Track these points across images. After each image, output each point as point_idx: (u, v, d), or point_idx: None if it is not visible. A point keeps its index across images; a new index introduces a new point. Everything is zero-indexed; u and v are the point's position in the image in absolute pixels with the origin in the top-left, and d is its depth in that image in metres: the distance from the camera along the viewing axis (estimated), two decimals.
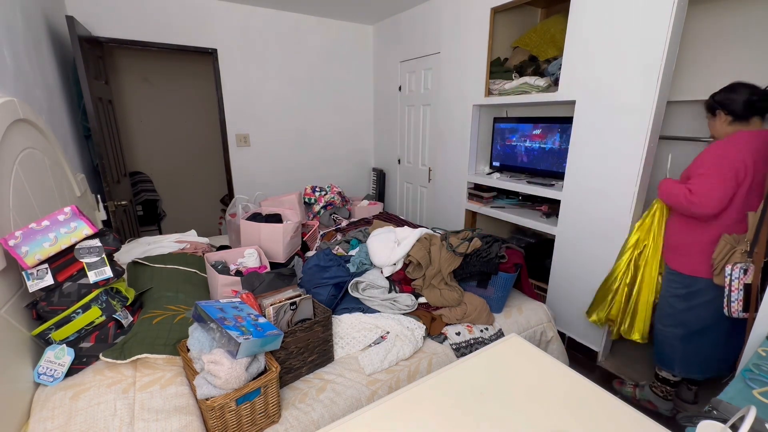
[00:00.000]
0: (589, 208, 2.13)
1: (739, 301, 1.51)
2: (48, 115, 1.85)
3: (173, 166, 4.25)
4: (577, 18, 2.05)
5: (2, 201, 1.16)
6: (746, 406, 0.64)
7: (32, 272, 1.15)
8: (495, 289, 1.80)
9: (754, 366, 1.01)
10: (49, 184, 1.58)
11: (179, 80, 4.04)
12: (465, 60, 2.80)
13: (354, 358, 1.44)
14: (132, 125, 3.94)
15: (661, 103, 1.80)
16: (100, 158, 2.29)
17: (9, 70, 1.47)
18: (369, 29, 3.95)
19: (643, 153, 1.85)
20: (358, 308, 1.67)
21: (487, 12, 2.55)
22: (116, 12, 2.77)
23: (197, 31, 3.08)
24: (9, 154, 1.25)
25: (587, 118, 2.07)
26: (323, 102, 3.86)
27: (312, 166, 3.95)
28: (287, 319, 1.31)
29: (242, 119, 3.45)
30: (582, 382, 1.02)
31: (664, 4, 1.68)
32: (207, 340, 1.12)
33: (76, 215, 1.25)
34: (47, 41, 2.09)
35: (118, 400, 1.09)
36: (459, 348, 1.56)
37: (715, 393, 0.96)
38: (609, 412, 0.92)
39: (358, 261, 1.93)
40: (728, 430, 0.69)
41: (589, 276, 2.20)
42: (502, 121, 2.81)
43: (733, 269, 1.51)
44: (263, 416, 1.13)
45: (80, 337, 1.23)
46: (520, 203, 2.81)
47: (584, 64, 2.04)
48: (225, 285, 1.61)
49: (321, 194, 3.03)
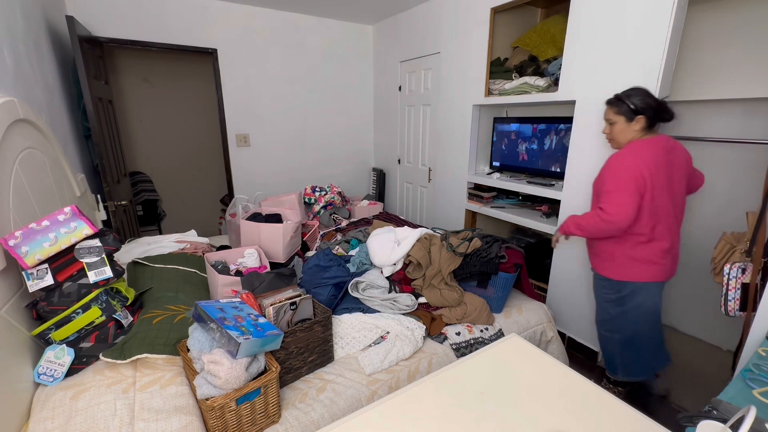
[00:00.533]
0: (589, 208, 2.13)
1: (736, 300, 1.52)
2: (48, 115, 1.85)
3: (173, 166, 4.25)
4: (577, 18, 2.05)
5: (2, 201, 1.16)
6: (746, 406, 0.64)
7: (32, 272, 1.15)
8: (495, 289, 1.80)
9: (754, 366, 1.01)
10: (49, 184, 1.58)
11: (179, 80, 4.04)
12: (465, 60, 2.80)
13: (354, 358, 1.44)
14: (132, 125, 3.94)
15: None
16: (100, 158, 2.29)
17: (9, 70, 1.47)
18: (369, 29, 3.94)
19: None
20: (358, 308, 1.67)
21: (487, 12, 2.55)
22: (116, 12, 2.77)
23: (197, 31, 3.08)
24: (9, 154, 1.25)
25: (587, 118, 2.07)
26: (323, 102, 3.86)
27: (312, 166, 3.95)
28: (287, 319, 1.31)
29: (242, 119, 3.45)
30: (582, 382, 1.02)
31: (664, 4, 1.68)
32: (207, 340, 1.12)
33: (76, 215, 1.25)
34: (47, 41, 2.09)
35: (118, 400, 1.09)
36: (459, 348, 1.56)
37: (715, 393, 0.96)
38: (609, 412, 0.92)
39: (358, 261, 1.93)
40: (728, 430, 0.69)
41: (589, 276, 2.20)
42: (502, 121, 2.81)
43: (731, 268, 1.51)
44: (263, 416, 1.13)
45: (80, 337, 1.23)
46: (520, 203, 2.81)
47: (584, 64, 2.04)
48: (225, 285, 1.61)
49: (321, 194, 3.03)
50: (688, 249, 2.46)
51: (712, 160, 2.29)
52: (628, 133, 1.59)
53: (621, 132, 1.62)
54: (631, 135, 1.59)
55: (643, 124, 1.55)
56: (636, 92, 1.57)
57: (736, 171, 2.19)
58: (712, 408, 0.86)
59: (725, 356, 2.28)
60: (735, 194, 2.20)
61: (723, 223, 2.22)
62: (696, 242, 2.40)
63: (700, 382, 2.08)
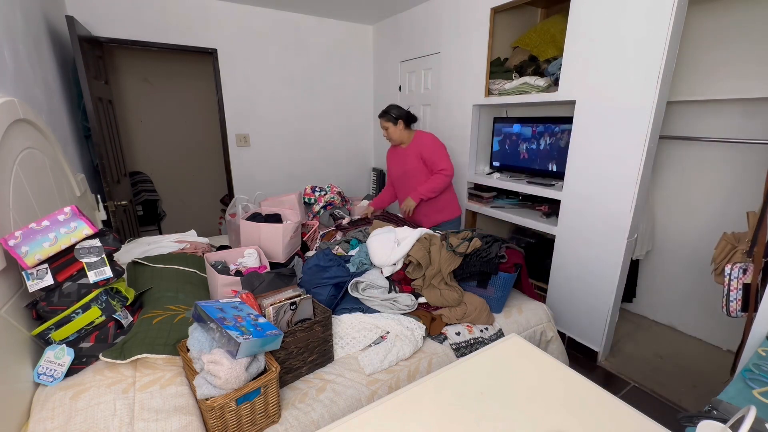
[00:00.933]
0: (589, 208, 2.13)
1: (738, 300, 1.52)
2: (48, 115, 1.85)
3: (173, 166, 4.25)
4: (577, 18, 2.05)
5: (2, 201, 1.16)
6: (746, 406, 0.64)
7: (32, 272, 1.15)
8: (495, 289, 1.79)
9: (754, 366, 1.01)
10: (49, 184, 1.58)
11: (179, 80, 4.04)
12: (465, 60, 2.80)
13: (354, 358, 1.44)
14: (132, 125, 3.94)
15: (661, 103, 1.80)
16: (100, 158, 2.29)
17: (9, 70, 1.47)
18: (369, 29, 3.94)
19: (643, 153, 1.85)
20: (358, 308, 1.67)
21: (487, 12, 2.55)
22: (116, 12, 2.77)
23: (197, 31, 3.08)
24: (9, 154, 1.25)
25: (587, 118, 2.07)
26: (323, 102, 3.85)
27: (312, 166, 3.95)
28: (287, 319, 1.31)
29: (242, 119, 3.45)
30: (582, 382, 1.02)
31: (664, 4, 1.68)
32: (207, 340, 1.12)
33: (76, 215, 1.25)
34: (47, 41, 2.09)
35: (118, 400, 1.09)
36: (459, 348, 1.56)
37: (715, 393, 0.96)
38: (609, 412, 0.92)
39: (358, 261, 1.93)
40: (728, 430, 0.69)
41: (588, 276, 2.20)
42: (502, 121, 2.81)
43: (733, 269, 1.51)
44: (263, 416, 1.13)
45: (80, 337, 1.23)
46: (520, 203, 2.81)
47: (584, 64, 2.04)
48: (225, 285, 1.60)
49: (321, 194, 3.03)
50: (688, 249, 2.47)
51: (712, 160, 2.29)
52: (399, 131, 2.48)
53: (393, 131, 2.49)
54: (402, 132, 2.49)
55: (402, 124, 2.48)
56: (394, 107, 2.46)
57: (736, 171, 2.19)
58: (712, 408, 0.86)
59: (725, 356, 2.28)
60: (735, 194, 2.20)
61: (723, 223, 2.23)
62: (696, 242, 2.40)
63: (700, 382, 2.08)
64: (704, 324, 2.43)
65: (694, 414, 0.82)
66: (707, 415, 0.81)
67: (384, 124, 2.49)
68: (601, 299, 2.16)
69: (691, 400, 1.96)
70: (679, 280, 2.53)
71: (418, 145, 2.46)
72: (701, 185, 2.35)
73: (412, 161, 2.49)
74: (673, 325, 2.61)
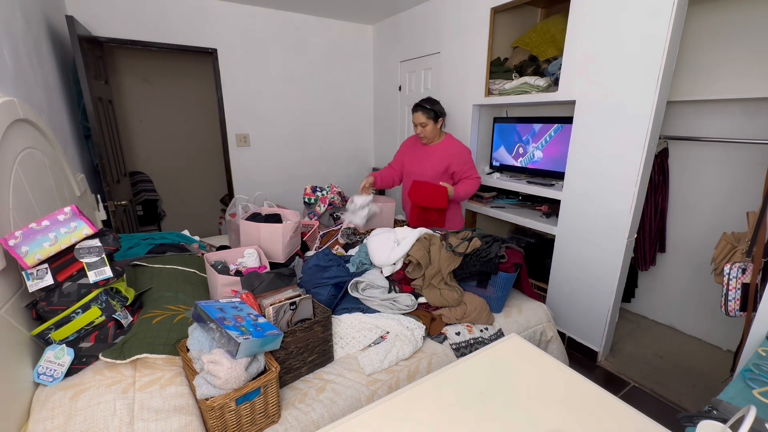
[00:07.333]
0: (589, 208, 2.13)
1: (736, 300, 1.52)
2: (48, 115, 1.85)
3: (173, 166, 4.25)
4: (577, 18, 2.05)
5: (2, 201, 1.16)
6: (746, 406, 0.64)
7: (32, 272, 1.15)
8: (495, 289, 1.79)
9: (754, 366, 1.01)
10: (49, 184, 1.58)
11: (179, 80, 4.04)
12: (465, 60, 2.80)
13: (354, 358, 1.44)
14: (132, 125, 3.94)
15: (661, 103, 1.80)
16: (100, 158, 2.29)
17: (9, 70, 1.47)
18: (369, 29, 3.94)
19: (643, 153, 1.85)
20: (357, 308, 1.67)
21: (487, 12, 2.55)
22: (116, 12, 2.77)
23: (197, 31, 3.08)
24: (9, 154, 1.25)
25: (587, 118, 2.07)
26: (323, 102, 3.85)
27: (312, 166, 3.95)
28: (287, 319, 1.31)
29: (242, 119, 3.45)
30: (582, 382, 1.02)
31: (664, 4, 1.68)
32: (207, 340, 1.12)
33: (76, 215, 1.25)
34: (47, 41, 2.09)
35: (118, 400, 1.09)
36: (459, 348, 1.56)
37: (715, 393, 0.96)
38: (609, 412, 0.92)
39: (357, 261, 1.93)
40: (728, 430, 0.69)
41: (588, 276, 2.20)
42: (502, 121, 2.81)
43: (732, 268, 1.51)
44: (263, 416, 1.13)
45: (80, 337, 1.23)
46: (520, 203, 2.81)
47: (584, 64, 2.04)
48: (225, 285, 1.60)
49: (322, 194, 3.03)
50: (688, 249, 2.47)
51: (712, 160, 2.29)
52: (435, 129, 2.28)
53: (431, 130, 2.26)
54: (437, 130, 2.29)
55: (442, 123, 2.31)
56: (433, 100, 2.25)
57: (736, 171, 2.19)
58: (712, 408, 0.86)
59: (725, 356, 2.28)
60: (735, 194, 2.20)
61: (723, 223, 2.23)
62: (696, 242, 2.40)
63: (700, 382, 2.08)
64: (704, 324, 2.43)
65: (693, 414, 0.82)
66: (707, 415, 0.81)
67: (421, 119, 2.21)
68: (601, 299, 2.16)
69: (691, 400, 1.96)
70: (679, 280, 2.53)
71: (449, 155, 2.25)
72: (701, 185, 2.35)
73: (434, 165, 2.27)
74: (673, 325, 2.61)
